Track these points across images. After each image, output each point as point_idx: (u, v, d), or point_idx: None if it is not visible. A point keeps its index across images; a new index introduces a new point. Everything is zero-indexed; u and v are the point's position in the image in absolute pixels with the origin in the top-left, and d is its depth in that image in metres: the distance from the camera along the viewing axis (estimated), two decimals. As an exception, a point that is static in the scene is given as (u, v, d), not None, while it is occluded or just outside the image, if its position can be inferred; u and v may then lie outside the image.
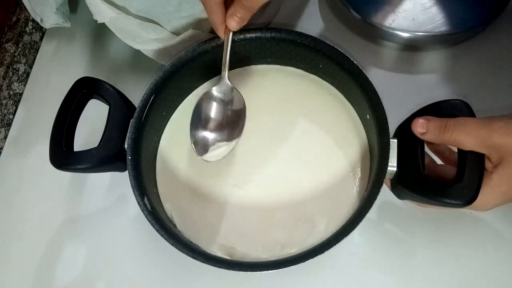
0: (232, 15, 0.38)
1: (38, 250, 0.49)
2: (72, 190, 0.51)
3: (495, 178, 0.34)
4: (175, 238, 0.38)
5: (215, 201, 0.44)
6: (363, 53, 0.53)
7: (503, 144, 0.33)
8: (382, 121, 0.38)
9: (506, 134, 0.33)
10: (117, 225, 0.49)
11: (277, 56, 0.47)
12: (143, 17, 0.47)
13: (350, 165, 0.43)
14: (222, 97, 0.42)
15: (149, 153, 0.45)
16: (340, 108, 0.46)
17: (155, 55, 0.50)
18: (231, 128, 0.41)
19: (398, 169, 0.37)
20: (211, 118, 0.42)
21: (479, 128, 0.34)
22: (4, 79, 0.56)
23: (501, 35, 0.52)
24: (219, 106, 0.42)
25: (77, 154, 0.41)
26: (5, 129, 0.56)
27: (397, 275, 0.43)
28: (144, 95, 0.42)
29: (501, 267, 0.43)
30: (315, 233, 0.41)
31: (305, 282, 0.44)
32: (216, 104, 0.42)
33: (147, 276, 0.46)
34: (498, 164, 0.34)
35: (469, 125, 0.34)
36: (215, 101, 0.42)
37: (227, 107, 0.42)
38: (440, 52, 0.52)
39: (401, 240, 0.45)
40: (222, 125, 0.42)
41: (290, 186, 0.43)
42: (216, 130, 0.42)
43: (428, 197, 0.35)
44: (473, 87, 0.50)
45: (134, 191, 0.39)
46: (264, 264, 0.38)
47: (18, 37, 0.59)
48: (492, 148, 0.34)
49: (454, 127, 0.34)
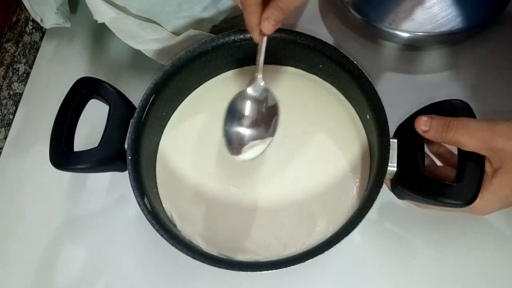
0: (268, 18, 0.37)
1: (38, 250, 0.49)
2: (72, 190, 0.51)
3: (495, 183, 0.34)
4: (175, 238, 0.38)
5: (215, 201, 0.44)
6: (363, 53, 0.53)
7: (505, 148, 0.33)
8: (382, 121, 0.38)
9: (508, 139, 0.33)
10: (117, 225, 0.49)
11: (277, 56, 0.47)
12: (143, 17, 0.47)
13: (350, 165, 0.43)
14: (256, 96, 0.42)
15: (149, 153, 0.45)
16: (340, 108, 0.46)
17: (155, 55, 0.50)
18: (265, 126, 0.41)
19: (398, 169, 0.37)
20: (246, 115, 0.42)
21: (482, 130, 0.33)
22: (4, 79, 0.56)
23: (501, 35, 0.52)
24: (253, 104, 0.42)
25: (77, 154, 0.41)
26: (5, 129, 0.56)
27: (397, 275, 0.43)
28: (144, 95, 0.42)
29: (501, 267, 0.43)
30: (315, 233, 0.41)
31: (305, 282, 0.44)
32: (251, 102, 0.42)
33: (147, 276, 0.46)
34: (498, 168, 0.34)
35: (472, 126, 0.34)
36: (249, 100, 0.42)
37: (261, 106, 0.42)
38: (440, 52, 0.52)
39: (401, 240, 0.45)
40: (257, 123, 0.42)
41: (290, 186, 0.43)
42: (251, 127, 0.41)
43: (428, 197, 0.35)
44: (473, 87, 0.50)
45: (134, 191, 0.39)
46: (264, 264, 0.38)
47: (18, 37, 0.59)
48: (493, 151, 0.33)
49: (458, 126, 0.34)
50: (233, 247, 0.42)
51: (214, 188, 0.44)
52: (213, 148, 0.46)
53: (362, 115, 0.44)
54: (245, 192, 0.44)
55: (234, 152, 0.40)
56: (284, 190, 0.43)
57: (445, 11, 0.50)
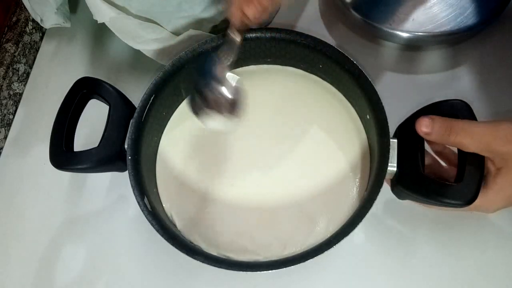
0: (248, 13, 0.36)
1: (38, 250, 0.49)
2: (72, 190, 0.51)
3: (499, 182, 0.35)
4: (175, 238, 0.38)
5: (215, 201, 0.44)
6: (363, 53, 0.53)
7: (507, 151, 0.33)
8: (382, 121, 0.38)
9: (510, 142, 0.33)
10: (117, 225, 0.49)
11: (277, 56, 0.47)
12: (143, 17, 0.47)
13: (350, 165, 0.43)
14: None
15: (149, 153, 0.45)
16: (340, 108, 0.46)
17: (155, 55, 0.50)
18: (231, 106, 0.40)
19: (398, 169, 0.37)
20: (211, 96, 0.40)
21: (485, 133, 0.33)
22: (4, 79, 0.56)
23: (501, 35, 0.52)
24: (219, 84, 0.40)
25: (77, 154, 0.41)
26: (5, 129, 0.56)
27: (397, 275, 0.43)
28: (144, 95, 0.42)
29: (503, 266, 0.43)
30: (315, 233, 0.41)
31: (305, 282, 0.44)
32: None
33: (147, 276, 0.46)
34: (501, 167, 0.34)
35: (474, 129, 0.34)
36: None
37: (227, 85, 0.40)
38: (440, 52, 0.52)
39: (402, 240, 0.45)
40: (222, 102, 0.40)
41: (290, 186, 0.43)
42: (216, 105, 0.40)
43: (428, 197, 0.35)
44: (473, 87, 0.50)
45: (134, 191, 0.39)
46: (264, 264, 0.38)
47: (18, 37, 0.59)
48: (496, 153, 0.34)
49: (460, 130, 0.34)
50: (233, 247, 0.42)
51: (214, 188, 0.44)
52: (213, 148, 0.46)
53: (362, 115, 0.44)
54: (245, 192, 0.44)
55: (196, 113, 0.39)
56: (284, 190, 0.43)
57: (445, 11, 0.50)
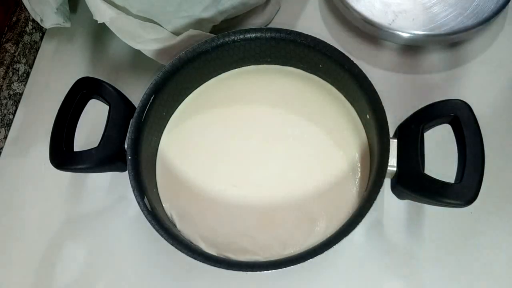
0: None
1: (38, 250, 0.49)
2: (72, 190, 0.51)
3: None
4: (175, 238, 0.38)
5: (215, 201, 0.44)
6: (363, 53, 0.53)
7: None
8: (382, 121, 0.38)
9: None
10: (117, 225, 0.49)
11: (277, 56, 0.47)
12: (143, 17, 0.47)
13: (350, 165, 0.43)
14: None
15: (149, 153, 0.45)
16: (340, 108, 0.46)
17: (155, 55, 0.50)
18: None
19: (398, 169, 0.37)
20: None
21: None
22: (4, 79, 0.56)
23: (501, 35, 0.52)
24: None
25: (77, 154, 0.41)
26: (5, 129, 0.56)
27: (397, 274, 0.43)
28: (144, 95, 0.42)
29: (503, 267, 0.43)
30: (315, 233, 0.41)
31: (305, 282, 0.44)
32: None
33: (147, 276, 0.46)
34: None
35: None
36: None
37: None
38: (440, 52, 0.52)
39: (402, 240, 0.45)
40: None
41: (290, 186, 0.43)
42: None
43: (428, 197, 0.35)
44: (473, 87, 0.50)
45: (134, 191, 0.39)
46: (264, 264, 0.38)
47: (18, 37, 0.59)
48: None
49: None
50: (233, 247, 0.42)
51: (214, 188, 0.44)
52: (213, 148, 0.46)
53: (362, 115, 0.44)
54: (245, 192, 0.44)
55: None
56: (284, 190, 0.43)
57: (445, 11, 0.50)
